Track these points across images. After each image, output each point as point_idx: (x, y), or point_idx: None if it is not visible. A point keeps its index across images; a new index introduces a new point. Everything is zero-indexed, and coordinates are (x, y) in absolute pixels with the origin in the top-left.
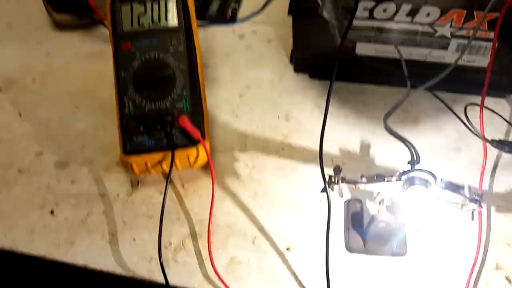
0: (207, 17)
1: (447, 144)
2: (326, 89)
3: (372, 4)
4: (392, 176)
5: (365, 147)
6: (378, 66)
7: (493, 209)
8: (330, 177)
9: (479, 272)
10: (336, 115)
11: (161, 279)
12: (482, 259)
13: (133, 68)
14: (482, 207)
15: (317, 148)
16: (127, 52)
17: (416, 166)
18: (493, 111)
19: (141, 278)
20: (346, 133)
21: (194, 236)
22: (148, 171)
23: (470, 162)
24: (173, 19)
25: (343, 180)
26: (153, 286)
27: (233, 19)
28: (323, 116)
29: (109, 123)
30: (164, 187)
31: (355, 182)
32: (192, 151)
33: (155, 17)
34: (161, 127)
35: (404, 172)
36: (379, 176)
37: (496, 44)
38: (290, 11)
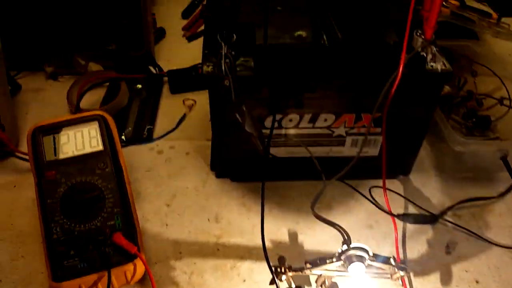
0: (124, 139)
1: (359, 223)
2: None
3: (279, 116)
4: (332, 258)
5: (292, 236)
6: (290, 165)
7: (412, 274)
8: (275, 268)
9: None
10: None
11: None
12: None
13: (59, 194)
14: (409, 273)
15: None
16: (52, 181)
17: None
18: (391, 190)
19: None
20: (272, 226)
21: None
22: None
23: (382, 236)
24: (98, 144)
25: (290, 269)
26: None
27: (149, 138)
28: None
29: (29, 253)
30: None
31: (301, 269)
32: (129, 267)
33: (79, 145)
34: (94, 247)
35: (343, 252)
36: (322, 259)
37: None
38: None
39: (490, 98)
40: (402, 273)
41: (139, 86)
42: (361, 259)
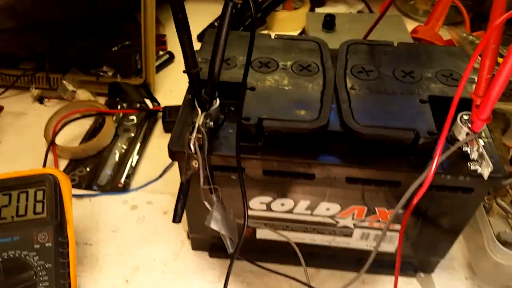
0: (96, 186)
1: None
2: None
3: (269, 199)
4: None
5: None
6: (280, 248)
7: None
8: None
9: None
10: None
11: None
12: None
13: None
14: None
15: None
16: None
17: None
18: None
19: None
20: None
21: None
22: None
23: None
24: (42, 210)
25: None
26: None
27: (126, 188)
28: None
29: None
30: None
31: None
32: None
33: (21, 209)
34: None
35: None
36: None
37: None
38: (174, 219)
39: None
40: None
41: (133, 118)
42: None
